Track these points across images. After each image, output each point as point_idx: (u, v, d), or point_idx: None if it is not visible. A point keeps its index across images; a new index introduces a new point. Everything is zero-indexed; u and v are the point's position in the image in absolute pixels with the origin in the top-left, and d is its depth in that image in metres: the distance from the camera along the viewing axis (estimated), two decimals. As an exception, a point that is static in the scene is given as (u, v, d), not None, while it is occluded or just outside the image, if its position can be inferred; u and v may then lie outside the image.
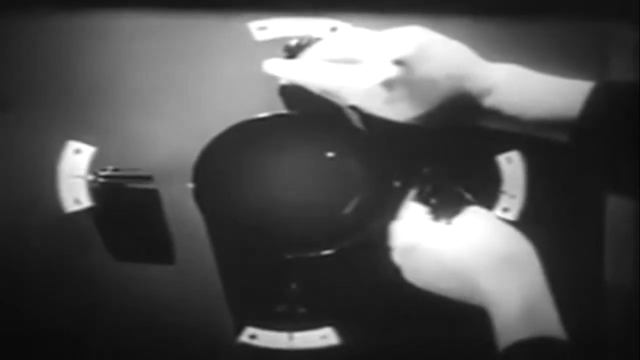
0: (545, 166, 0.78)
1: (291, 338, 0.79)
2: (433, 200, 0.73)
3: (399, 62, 0.69)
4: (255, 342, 0.79)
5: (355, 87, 0.71)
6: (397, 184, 0.77)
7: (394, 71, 0.69)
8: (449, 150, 0.78)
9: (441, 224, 0.71)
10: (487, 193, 0.78)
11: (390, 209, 0.76)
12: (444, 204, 0.72)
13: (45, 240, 0.80)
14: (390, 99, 0.70)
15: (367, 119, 0.74)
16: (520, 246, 0.68)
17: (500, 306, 0.65)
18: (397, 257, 0.73)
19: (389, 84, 0.69)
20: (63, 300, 0.80)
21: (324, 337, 0.79)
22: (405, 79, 0.69)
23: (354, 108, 0.76)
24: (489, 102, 0.70)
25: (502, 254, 0.67)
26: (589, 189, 0.80)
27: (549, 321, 0.64)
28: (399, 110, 0.71)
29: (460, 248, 0.68)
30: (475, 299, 0.67)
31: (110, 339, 0.80)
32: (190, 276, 0.80)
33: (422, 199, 0.74)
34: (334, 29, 0.79)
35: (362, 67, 0.71)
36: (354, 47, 0.72)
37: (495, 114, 0.70)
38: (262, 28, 0.79)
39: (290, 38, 0.78)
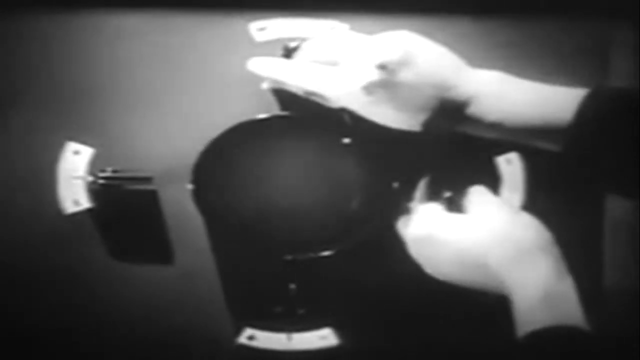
0: (545, 167, 0.78)
1: (290, 339, 0.79)
2: (447, 194, 0.73)
3: (382, 67, 0.69)
4: (254, 343, 0.79)
5: (336, 89, 0.71)
6: (395, 185, 0.77)
7: (376, 75, 0.69)
8: (448, 151, 0.78)
9: (458, 215, 0.70)
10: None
11: (389, 210, 0.75)
12: (458, 197, 0.72)
13: (45, 242, 0.80)
14: (370, 103, 0.70)
15: (364, 120, 0.73)
16: (540, 234, 0.67)
17: (520, 294, 0.64)
18: (413, 251, 0.72)
19: (369, 88, 0.69)
20: (62, 301, 0.80)
21: (323, 337, 0.79)
22: (387, 84, 0.69)
23: (344, 110, 0.75)
24: (472, 109, 0.70)
25: (521, 242, 0.66)
26: (589, 189, 0.79)
27: (570, 309, 0.63)
28: (380, 114, 0.71)
29: (479, 236, 0.68)
30: (495, 287, 0.66)
31: (110, 339, 0.80)
32: (190, 277, 0.80)
33: (434, 197, 0.74)
34: (333, 30, 0.79)
35: (344, 69, 0.71)
36: (339, 50, 0.72)
37: (478, 121, 0.70)
38: (262, 29, 0.79)
39: (289, 39, 0.78)
